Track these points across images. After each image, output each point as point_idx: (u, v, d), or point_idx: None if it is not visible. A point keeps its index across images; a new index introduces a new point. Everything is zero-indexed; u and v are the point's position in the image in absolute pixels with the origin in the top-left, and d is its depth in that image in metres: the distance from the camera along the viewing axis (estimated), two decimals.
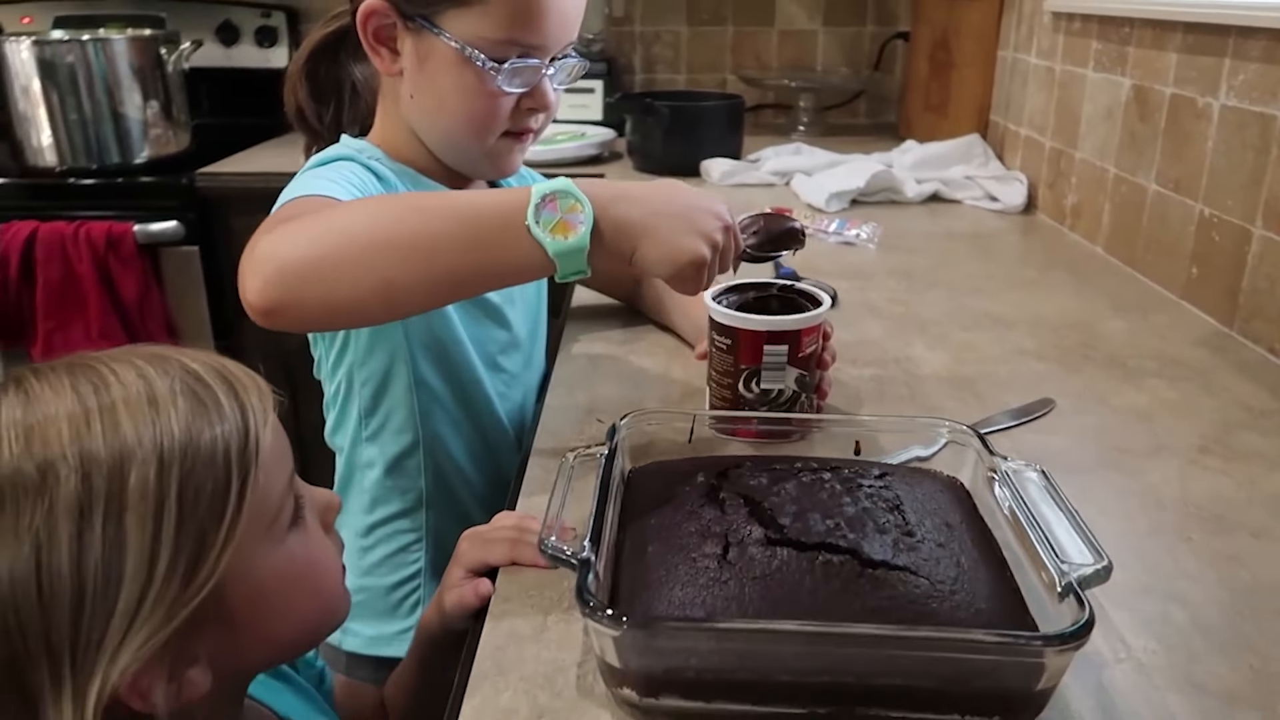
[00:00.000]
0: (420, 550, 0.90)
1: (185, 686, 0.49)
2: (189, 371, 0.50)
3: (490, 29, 0.78)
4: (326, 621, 0.59)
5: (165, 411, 0.47)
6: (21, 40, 1.77)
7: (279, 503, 0.53)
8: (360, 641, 0.90)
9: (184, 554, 0.46)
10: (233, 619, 0.50)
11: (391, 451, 0.89)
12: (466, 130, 0.83)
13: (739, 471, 0.62)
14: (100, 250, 1.76)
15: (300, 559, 0.54)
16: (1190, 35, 1.11)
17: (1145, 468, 0.77)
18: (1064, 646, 0.46)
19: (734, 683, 0.49)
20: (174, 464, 0.46)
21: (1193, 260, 1.11)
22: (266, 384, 0.54)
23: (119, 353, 0.51)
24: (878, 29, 2.34)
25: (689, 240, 0.67)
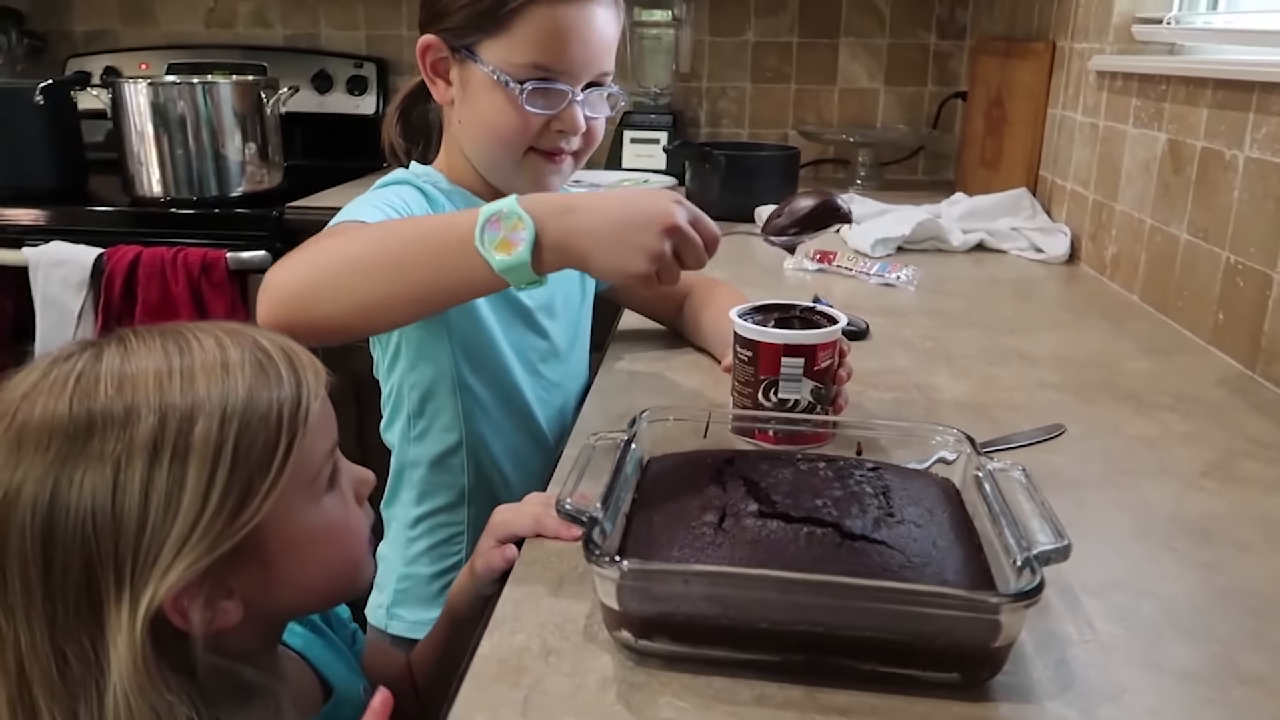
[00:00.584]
0: (462, 543, 0.99)
1: (219, 614, 0.56)
2: (258, 345, 0.59)
3: (516, 54, 0.89)
4: (350, 579, 0.65)
5: (234, 376, 0.56)
6: (139, 83, 1.95)
7: (319, 466, 0.60)
8: (404, 625, 0.98)
9: (232, 496, 0.54)
10: (268, 560, 0.57)
11: (437, 450, 0.97)
12: (498, 147, 0.93)
13: (744, 460, 0.68)
14: (195, 274, 1.90)
15: (332, 519, 0.62)
16: (1219, 91, 1.16)
17: (1143, 487, 0.81)
18: (1015, 603, 0.51)
19: (718, 628, 0.55)
20: (234, 420, 0.55)
21: (1219, 306, 1.14)
22: (323, 366, 0.62)
23: (205, 325, 0.60)
24: (937, 89, 2.41)
25: (630, 257, 0.70)
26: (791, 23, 2.41)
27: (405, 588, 1.00)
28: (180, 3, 2.53)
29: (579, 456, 0.67)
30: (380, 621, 1.00)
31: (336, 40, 2.51)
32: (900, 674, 0.54)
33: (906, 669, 0.54)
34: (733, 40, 2.44)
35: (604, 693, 0.54)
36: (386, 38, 2.49)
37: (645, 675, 0.55)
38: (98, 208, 2.00)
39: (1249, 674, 0.56)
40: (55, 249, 1.89)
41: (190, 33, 2.54)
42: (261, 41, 2.52)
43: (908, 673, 0.54)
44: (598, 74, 0.93)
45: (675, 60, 2.35)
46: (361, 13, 2.49)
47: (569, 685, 0.54)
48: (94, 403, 0.53)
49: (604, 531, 0.58)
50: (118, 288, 1.89)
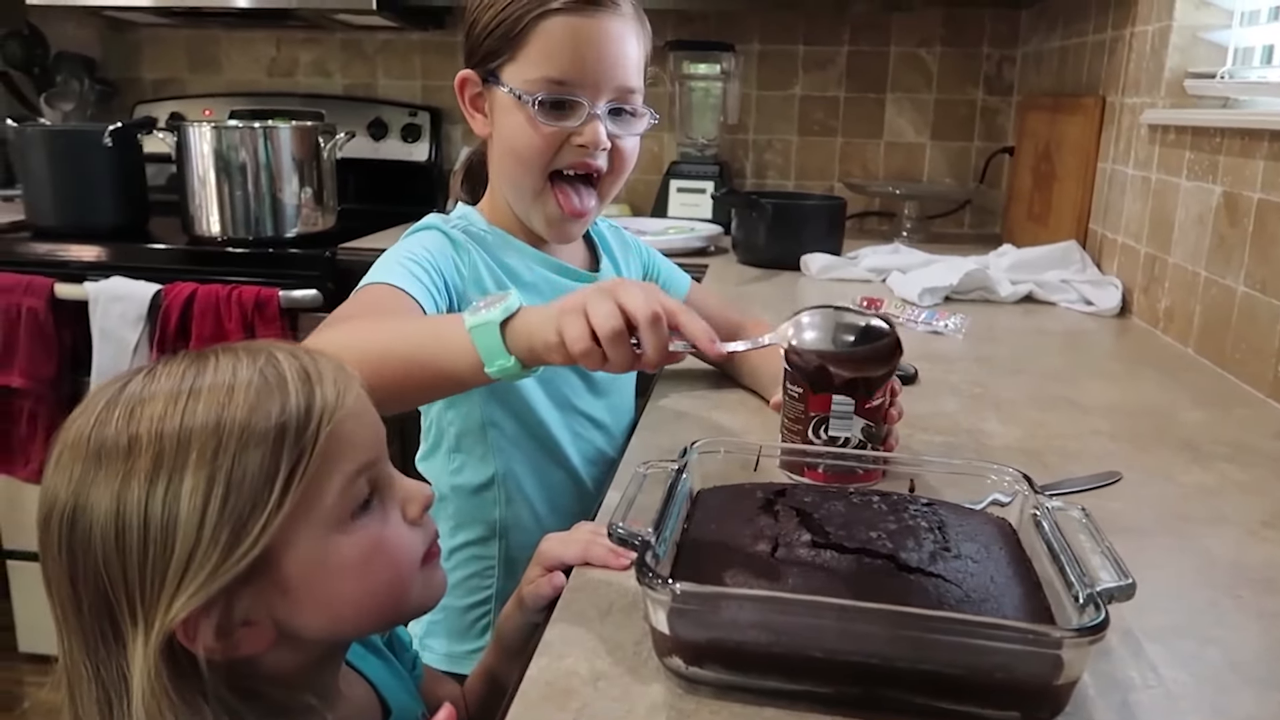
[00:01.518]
0: (493, 577, 0.99)
1: (244, 640, 0.55)
2: (274, 363, 0.57)
3: (530, 70, 0.91)
4: (394, 605, 0.62)
5: (236, 398, 0.54)
6: (203, 126, 2.02)
7: (342, 487, 0.57)
8: (436, 657, 0.98)
9: (227, 526, 0.53)
10: (287, 587, 0.56)
11: (471, 484, 0.98)
12: (520, 170, 0.94)
13: (795, 491, 0.68)
14: (248, 311, 1.95)
15: (365, 543, 0.58)
16: (1276, 143, 1.15)
17: (1204, 534, 0.79)
18: (1078, 639, 0.50)
19: (770, 656, 0.54)
20: (229, 445, 0.53)
21: (1279, 358, 1.12)
22: (352, 374, 0.59)
23: (237, 344, 0.59)
24: (984, 144, 2.42)
25: (546, 327, 0.67)
26: (839, 77, 2.44)
27: (439, 619, 1.00)
28: (244, 52, 2.62)
29: (629, 484, 0.66)
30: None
31: (392, 89, 2.58)
32: (957, 710, 0.53)
33: (963, 705, 0.53)
34: (780, 94, 2.47)
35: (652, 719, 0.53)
36: (442, 88, 2.55)
37: (695, 703, 0.54)
38: (157, 245, 2.06)
39: None
40: (115, 284, 1.95)
41: (253, 81, 2.63)
42: (321, 90, 2.60)
43: (964, 709, 0.53)
44: (617, 89, 0.92)
45: (723, 112, 2.38)
46: (418, 63, 2.56)
47: (618, 710, 0.54)
48: (105, 430, 0.54)
49: (656, 555, 0.57)
50: (173, 323, 1.94)
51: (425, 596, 0.64)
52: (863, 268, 1.82)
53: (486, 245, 0.96)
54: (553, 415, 0.98)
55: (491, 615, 0.98)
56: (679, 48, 2.35)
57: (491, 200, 1.01)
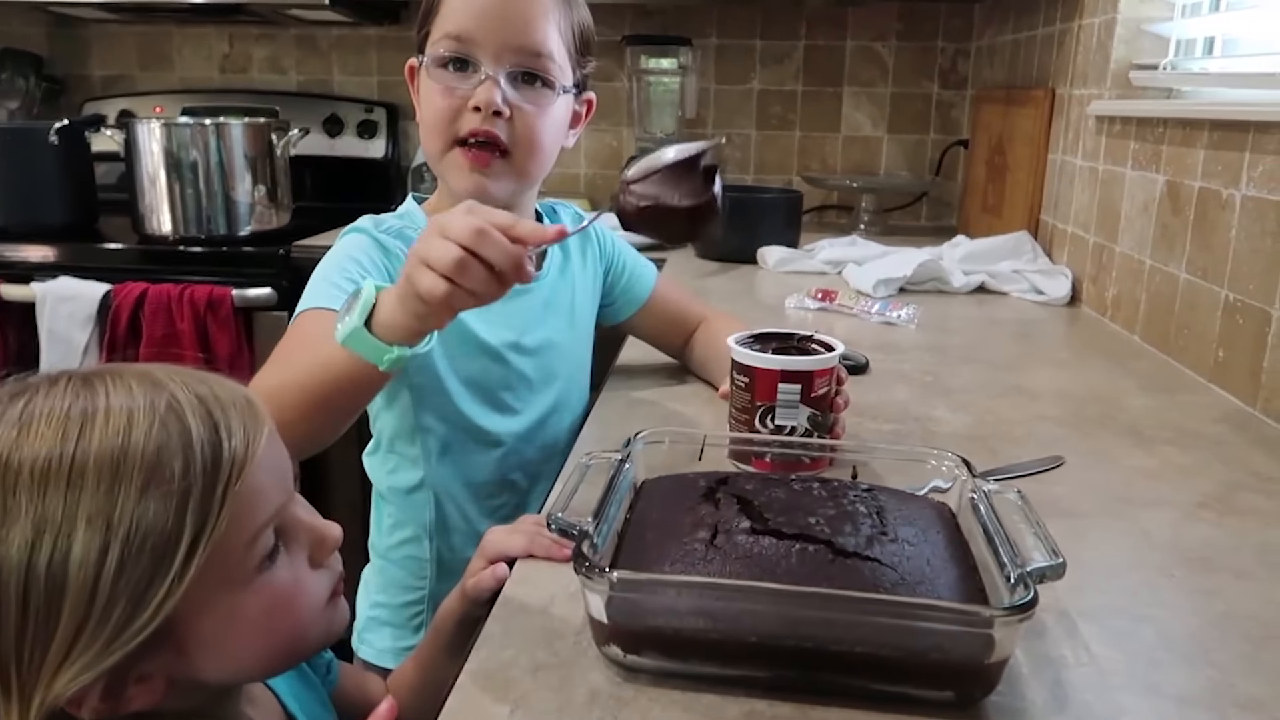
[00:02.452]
0: (426, 576, 0.99)
1: (136, 697, 0.51)
2: (173, 408, 0.51)
3: (435, 34, 0.91)
4: (293, 651, 0.59)
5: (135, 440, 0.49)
6: (152, 123, 1.98)
7: (247, 545, 0.53)
8: (372, 652, 0.99)
9: (124, 596, 0.47)
10: (185, 648, 0.52)
11: (403, 485, 0.98)
12: (427, 136, 0.94)
13: (737, 479, 0.68)
14: (200, 311, 1.92)
15: (270, 598, 0.54)
16: (1215, 132, 1.17)
17: (1142, 516, 0.80)
18: (1008, 617, 0.50)
19: (707, 642, 0.54)
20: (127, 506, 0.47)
21: (1219, 343, 1.14)
22: (261, 414, 0.54)
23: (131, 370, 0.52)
24: (940, 137, 2.44)
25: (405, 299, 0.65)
26: (796, 71, 2.45)
27: (376, 615, 1.01)
28: (196, 49, 2.58)
29: (572, 474, 0.66)
30: (354, 641, 1.01)
31: (348, 86, 2.56)
32: (892, 692, 0.53)
33: (898, 686, 0.53)
34: (738, 88, 2.48)
35: (591, 707, 0.53)
36: (398, 83, 2.50)
37: (634, 690, 0.54)
38: (106, 245, 2.03)
39: (1247, 699, 0.55)
40: (63, 284, 1.91)
41: (205, 78, 2.60)
42: (275, 86, 2.57)
43: (900, 690, 0.53)
44: (519, 50, 0.89)
45: (681, 107, 2.38)
46: (374, 59, 2.54)
47: (556, 700, 0.54)
48: None
49: (594, 545, 0.57)
50: (123, 323, 1.91)
51: (327, 635, 0.60)
52: (819, 260, 1.83)
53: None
54: (488, 419, 0.97)
55: (425, 614, 0.98)
56: (636, 42, 2.35)
57: (435, 200, 1.00)
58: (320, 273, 0.89)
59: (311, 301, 0.85)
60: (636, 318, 1.16)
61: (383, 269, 0.90)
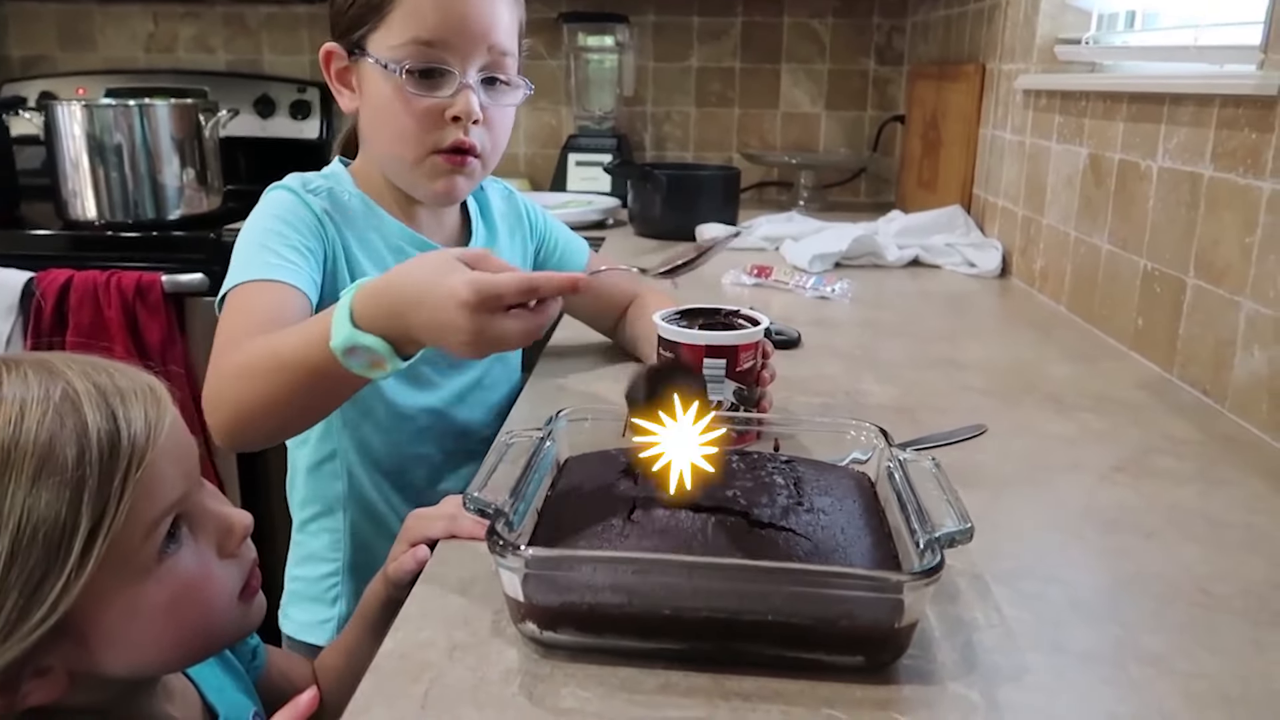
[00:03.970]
0: (340, 549, 0.98)
1: (33, 691, 0.50)
2: (68, 393, 0.50)
3: (394, 37, 0.87)
4: (204, 643, 0.58)
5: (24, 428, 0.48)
6: (73, 104, 1.92)
7: (146, 534, 0.52)
8: (293, 626, 1.00)
9: (14, 590, 0.46)
10: (86, 640, 0.50)
11: (314, 459, 0.97)
12: (397, 145, 0.91)
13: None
14: (129, 298, 1.87)
15: (174, 586, 0.53)
16: (1134, 105, 1.20)
17: (1057, 481, 0.82)
18: (915, 581, 0.51)
19: (623, 616, 0.54)
20: (15, 495, 0.47)
21: (1139, 312, 1.17)
22: (163, 398, 0.54)
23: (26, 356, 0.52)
24: (877, 113, 2.46)
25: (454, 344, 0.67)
26: (734, 48, 2.45)
27: (295, 588, 1.01)
28: (119, 28, 2.51)
29: (491, 453, 0.66)
30: (280, 619, 1.01)
31: (280, 65, 2.50)
32: (805, 658, 0.54)
33: (811, 653, 0.54)
34: (676, 65, 2.47)
35: (506, 685, 0.53)
36: None
37: (550, 667, 0.55)
38: (27, 231, 1.97)
39: (1148, 654, 0.57)
40: None
41: (130, 58, 2.52)
42: (203, 66, 2.51)
43: (812, 656, 0.54)
44: (489, 51, 0.89)
45: (619, 85, 2.37)
46: (305, 37, 2.49)
47: (471, 678, 0.53)
48: None
49: (510, 523, 0.57)
50: (48, 312, 1.85)
51: (242, 628, 0.60)
52: (757, 236, 1.84)
53: (348, 216, 0.93)
54: (403, 393, 0.96)
55: (340, 587, 0.98)
56: (572, 20, 2.33)
57: (364, 168, 0.98)
58: (252, 238, 0.86)
59: (251, 274, 0.83)
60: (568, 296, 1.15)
61: (315, 232, 0.89)
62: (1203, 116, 1.03)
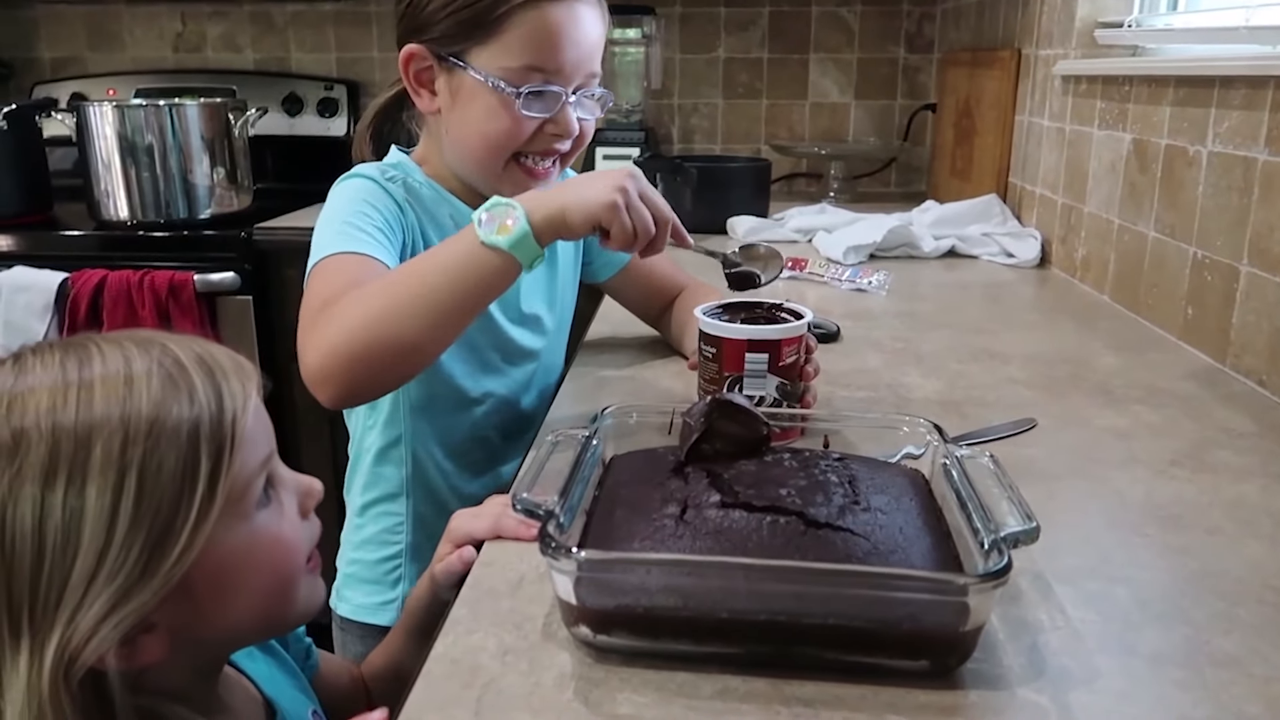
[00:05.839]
0: (403, 532, 0.99)
1: (139, 650, 0.51)
2: (170, 355, 0.54)
3: (510, 59, 0.89)
4: (282, 609, 0.59)
5: (138, 390, 0.51)
6: (104, 105, 1.93)
7: (249, 482, 0.55)
8: (349, 608, 1.00)
9: (143, 527, 0.49)
10: (192, 590, 0.52)
11: (381, 443, 0.98)
12: (487, 153, 0.92)
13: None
14: (162, 297, 1.88)
15: (265, 537, 0.56)
16: (1181, 89, 1.17)
17: (1114, 476, 0.80)
18: (982, 584, 0.50)
19: (678, 620, 0.53)
20: (138, 440, 0.49)
21: (1188, 301, 1.14)
22: (252, 368, 0.58)
23: (115, 335, 0.55)
24: (907, 102, 2.42)
25: (595, 195, 0.77)
26: (762, 39, 2.42)
27: (352, 571, 1.02)
28: (149, 28, 2.52)
29: (538, 453, 0.65)
30: (332, 600, 1.01)
31: (306, 63, 2.50)
32: (866, 663, 0.53)
33: (872, 657, 0.52)
34: (704, 57, 2.45)
35: (561, 690, 0.52)
36: (357, 60, 2.48)
37: (604, 671, 0.53)
38: (62, 232, 1.98)
39: (1222, 656, 0.55)
40: (18, 274, 1.87)
41: (159, 58, 2.53)
42: (231, 65, 2.51)
43: (874, 661, 0.52)
44: (587, 75, 0.93)
45: (646, 78, 2.35)
46: (332, 35, 2.48)
47: (525, 683, 0.52)
48: None
49: (560, 525, 0.56)
50: (83, 312, 1.87)
51: (309, 604, 0.61)
52: (789, 229, 1.82)
53: (423, 202, 0.95)
54: (472, 379, 0.98)
55: (403, 567, 0.99)
56: None
57: (431, 157, 0.99)
58: (336, 216, 0.87)
59: (338, 246, 0.84)
60: (616, 280, 1.16)
61: (398, 217, 0.91)
62: (1256, 99, 1.00)
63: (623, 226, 0.78)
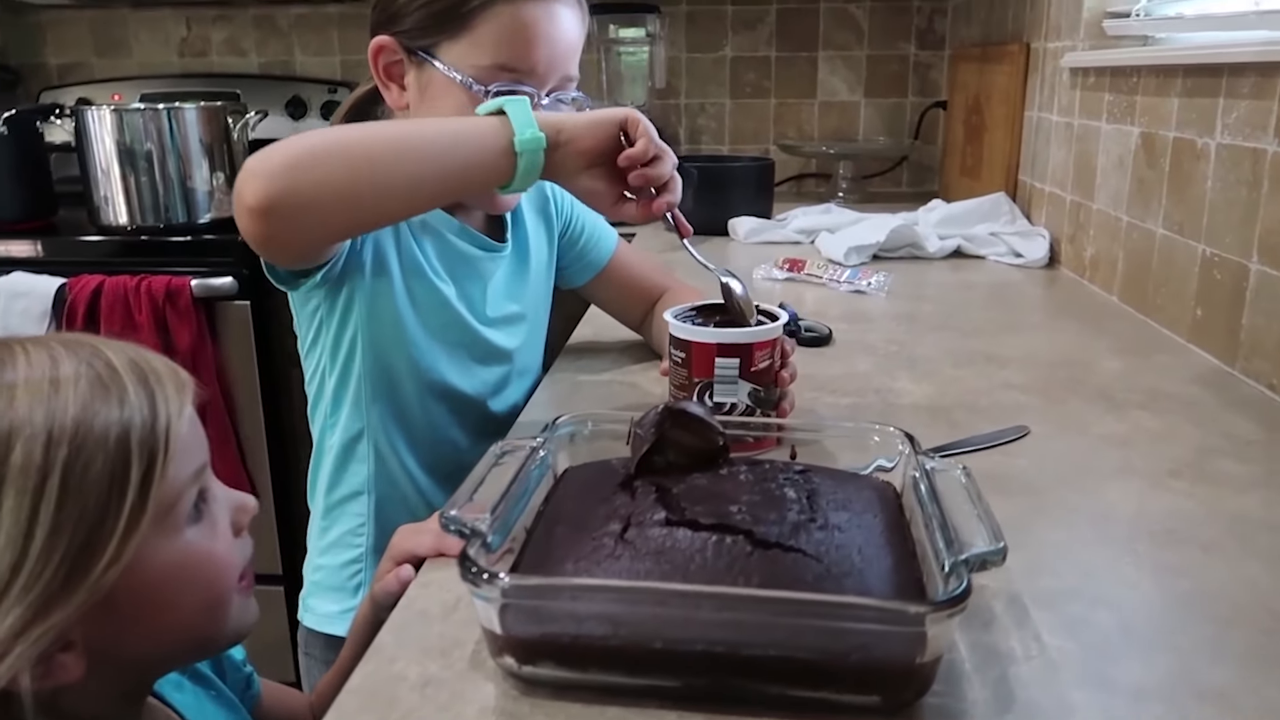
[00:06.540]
0: (364, 534, 0.95)
1: (55, 670, 0.48)
2: (100, 358, 0.51)
3: (480, 56, 0.85)
4: (213, 628, 0.57)
5: (64, 393, 0.48)
6: (102, 109, 1.92)
7: (180, 493, 0.53)
8: (315, 618, 0.96)
9: (65, 534, 0.46)
10: (115, 606, 0.49)
11: (344, 437, 0.94)
12: None
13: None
14: (159, 303, 1.86)
15: (196, 553, 0.54)
16: (1189, 79, 1.11)
17: (1106, 488, 0.75)
18: (936, 613, 0.45)
19: (609, 650, 0.49)
20: (62, 442, 0.47)
21: (1197, 301, 1.08)
22: (189, 376, 0.55)
23: (45, 337, 0.53)
24: (918, 99, 2.37)
25: (602, 118, 0.78)
26: (769, 37, 2.38)
27: (317, 579, 0.98)
28: (153, 33, 2.51)
29: (480, 465, 0.61)
30: (300, 613, 0.98)
31: (310, 66, 2.49)
32: (812, 698, 0.48)
33: (819, 692, 0.48)
34: (710, 56, 2.41)
35: None
36: (361, 62, 2.42)
37: (530, 705, 0.49)
38: (60, 237, 1.97)
39: (1209, 689, 0.50)
40: (16, 280, 1.86)
41: (164, 63, 2.53)
42: (235, 69, 2.50)
43: (821, 696, 0.48)
44: (562, 77, 0.89)
45: (651, 77, 2.31)
46: (335, 38, 2.47)
47: (442, 718, 0.49)
48: None
49: (487, 545, 0.52)
50: (80, 318, 1.85)
51: (240, 623, 0.58)
52: (791, 229, 1.77)
53: None
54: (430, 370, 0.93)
55: (364, 574, 0.95)
56: (603, 11, 2.27)
57: None
58: None
59: None
60: (594, 284, 1.12)
61: None
62: (1266, 88, 0.95)
63: (647, 130, 0.78)
